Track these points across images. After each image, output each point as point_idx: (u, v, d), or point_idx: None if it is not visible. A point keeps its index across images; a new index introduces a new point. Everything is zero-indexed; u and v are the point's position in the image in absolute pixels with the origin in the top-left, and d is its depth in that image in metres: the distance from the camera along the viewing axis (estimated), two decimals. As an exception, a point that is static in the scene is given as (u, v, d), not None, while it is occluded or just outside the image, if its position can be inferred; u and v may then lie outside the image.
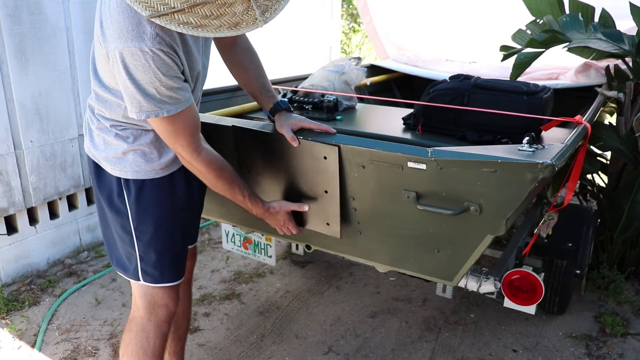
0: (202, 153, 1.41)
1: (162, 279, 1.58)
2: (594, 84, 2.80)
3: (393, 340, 2.43)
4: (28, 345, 2.38)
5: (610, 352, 2.36)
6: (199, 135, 1.41)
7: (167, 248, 1.57)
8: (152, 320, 1.61)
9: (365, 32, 8.77)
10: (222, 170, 1.47)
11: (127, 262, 1.59)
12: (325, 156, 1.58)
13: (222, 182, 1.48)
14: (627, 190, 2.61)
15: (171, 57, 1.25)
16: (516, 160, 1.34)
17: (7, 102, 2.69)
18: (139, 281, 1.58)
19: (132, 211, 1.51)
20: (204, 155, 1.42)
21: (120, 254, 1.60)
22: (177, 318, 1.86)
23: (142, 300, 1.61)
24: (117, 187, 1.51)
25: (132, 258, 1.57)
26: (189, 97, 1.34)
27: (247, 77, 1.71)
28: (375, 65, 3.72)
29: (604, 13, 2.72)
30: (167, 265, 1.58)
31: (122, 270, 1.62)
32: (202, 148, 1.41)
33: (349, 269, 3.06)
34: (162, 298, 1.61)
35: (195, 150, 1.39)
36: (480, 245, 1.57)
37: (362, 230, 1.77)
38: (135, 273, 1.58)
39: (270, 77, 1.78)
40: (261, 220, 1.75)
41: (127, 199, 1.51)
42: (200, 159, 1.41)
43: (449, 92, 2.09)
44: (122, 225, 1.53)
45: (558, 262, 2.42)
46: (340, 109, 2.43)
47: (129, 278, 1.60)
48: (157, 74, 1.23)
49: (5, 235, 2.85)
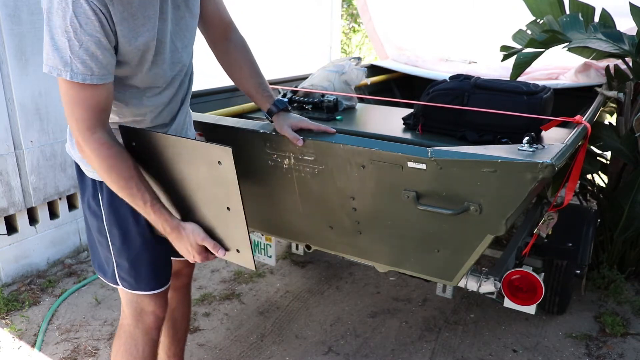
0: (95, 134, 1.22)
1: (137, 286, 1.52)
2: (594, 84, 2.80)
3: (393, 340, 2.43)
4: (28, 345, 2.38)
5: (610, 352, 2.36)
6: (102, 119, 1.24)
7: (140, 255, 1.48)
8: (140, 327, 1.57)
9: (365, 32, 8.77)
10: (116, 160, 1.25)
11: (105, 265, 1.54)
12: (220, 161, 1.26)
13: (115, 176, 1.25)
14: (627, 190, 2.61)
15: (96, 12, 1.11)
16: (516, 160, 1.34)
17: (7, 102, 2.69)
18: (118, 285, 1.54)
19: (105, 214, 1.45)
20: (96, 138, 1.22)
21: (100, 257, 1.55)
22: (176, 322, 1.84)
23: (128, 308, 1.57)
24: (92, 189, 1.45)
25: (109, 262, 1.52)
26: (107, 75, 1.19)
27: (242, 75, 1.63)
28: (375, 65, 3.72)
29: (604, 13, 2.72)
30: (142, 273, 1.51)
31: (101, 274, 1.57)
32: (97, 130, 1.22)
33: (349, 269, 3.06)
34: (149, 305, 1.56)
35: (89, 128, 1.21)
36: (480, 245, 1.57)
37: (362, 230, 1.77)
38: (113, 277, 1.53)
39: (270, 77, 1.78)
40: (261, 221, 1.75)
41: (101, 201, 1.44)
42: (92, 140, 1.22)
43: (449, 92, 2.09)
44: (99, 228, 1.48)
45: (558, 262, 2.42)
46: (340, 109, 2.43)
47: (108, 282, 1.56)
48: (73, 23, 1.10)
49: (5, 235, 2.85)
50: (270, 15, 4.60)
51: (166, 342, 1.86)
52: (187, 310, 1.93)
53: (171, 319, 1.82)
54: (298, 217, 1.90)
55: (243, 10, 4.30)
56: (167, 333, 1.84)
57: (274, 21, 4.64)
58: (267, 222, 2.03)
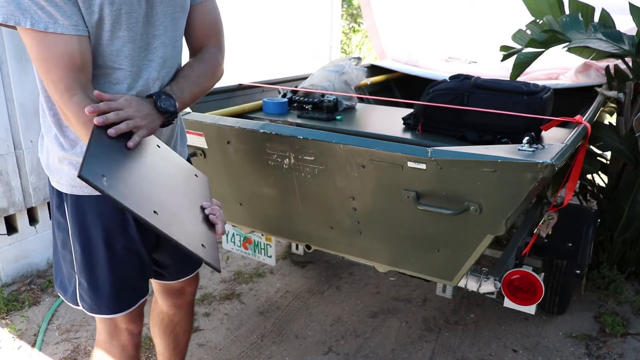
0: (75, 96, 1.11)
1: (97, 309, 1.40)
2: (594, 84, 2.80)
3: (393, 340, 2.43)
4: (28, 345, 2.38)
5: (610, 352, 2.36)
6: (80, 79, 1.12)
7: (100, 274, 1.36)
8: (115, 344, 1.49)
9: (365, 32, 8.78)
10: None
11: (67, 283, 1.43)
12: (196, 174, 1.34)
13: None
14: (627, 190, 2.61)
15: None
16: (516, 160, 1.34)
17: (7, 102, 2.69)
18: (78, 306, 1.42)
19: (70, 226, 1.34)
20: (76, 100, 1.11)
21: (63, 273, 1.44)
22: (177, 336, 1.80)
23: (101, 325, 1.47)
24: (57, 198, 1.34)
25: (71, 279, 1.41)
26: (75, 26, 1.09)
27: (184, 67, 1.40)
28: (375, 65, 3.72)
29: (604, 13, 2.72)
30: (102, 294, 1.38)
31: (62, 292, 1.46)
32: (77, 91, 1.11)
33: (349, 269, 3.06)
34: (122, 322, 1.46)
35: (67, 90, 1.10)
36: (480, 245, 1.57)
37: (362, 230, 1.77)
38: (73, 296, 1.42)
39: (270, 77, 1.77)
40: (261, 221, 1.75)
41: (67, 211, 1.33)
42: (71, 102, 1.11)
43: (449, 92, 2.09)
44: (63, 241, 1.38)
45: (558, 262, 2.42)
46: (340, 109, 2.43)
47: (68, 301, 1.44)
48: None
49: (5, 235, 2.85)
50: (270, 15, 4.60)
51: (166, 354, 1.83)
52: (190, 325, 1.86)
53: (173, 333, 1.79)
54: (298, 217, 1.90)
55: (243, 10, 4.31)
56: (169, 346, 1.81)
57: (274, 21, 4.64)
58: (267, 222, 2.04)
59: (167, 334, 1.78)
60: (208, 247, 1.23)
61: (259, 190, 1.90)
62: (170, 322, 1.76)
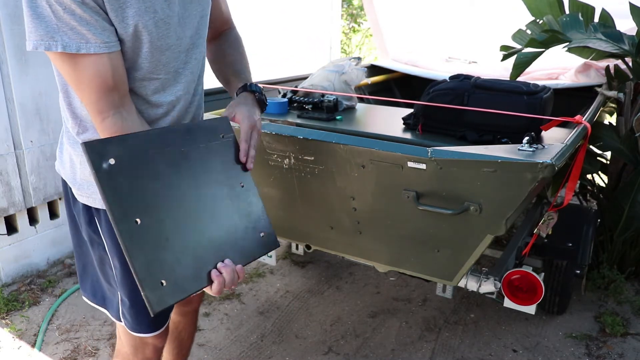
0: (107, 119, 1.09)
1: (139, 327, 1.37)
2: (594, 84, 2.80)
3: (393, 340, 2.43)
4: (28, 345, 2.38)
5: (610, 352, 2.36)
6: (114, 100, 1.09)
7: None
8: (139, 357, 1.48)
9: (365, 32, 8.79)
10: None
11: (111, 297, 1.39)
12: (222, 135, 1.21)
13: None
14: (627, 190, 2.61)
15: None
16: (516, 160, 1.34)
17: (7, 102, 2.69)
18: (121, 322, 1.39)
19: (107, 244, 1.29)
20: (108, 123, 1.09)
21: (104, 289, 1.40)
22: (182, 341, 1.80)
23: (126, 338, 1.45)
24: (86, 214, 1.29)
25: (114, 295, 1.37)
26: (107, 43, 1.04)
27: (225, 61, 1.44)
28: (375, 65, 3.72)
29: (604, 13, 2.72)
30: (144, 314, 1.34)
31: (104, 306, 1.43)
32: (110, 113, 1.09)
33: (349, 269, 3.06)
34: (150, 338, 1.43)
35: (100, 112, 1.08)
36: (480, 245, 1.57)
37: (362, 230, 1.77)
38: (117, 313, 1.38)
39: (270, 77, 1.76)
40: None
41: (100, 228, 1.28)
42: (103, 126, 1.10)
43: (449, 92, 2.09)
44: (100, 257, 1.33)
45: (558, 262, 2.42)
46: (340, 109, 2.43)
47: (112, 317, 1.41)
48: None
49: (5, 235, 2.85)
50: (270, 15, 4.60)
51: (170, 358, 1.83)
52: (194, 329, 1.86)
53: (177, 339, 1.79)
54: (298, 217, 1.90)
55: (243, 10, 4.31)
56: (172, 351, 1.81)
57: (274, 21, 4.64)
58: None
59: (171, 340, 1.78)
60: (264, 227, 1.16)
61: (259, 190, 1.90)
62: (175, 329, 1.76)
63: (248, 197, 1.20)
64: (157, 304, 0.94)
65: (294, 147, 1.68)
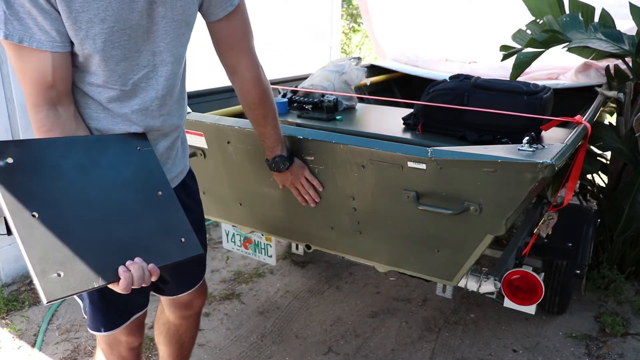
0: (40, 114, 1.12)
1: (95, 327, 1.40)
2: (594, 84, 2.80)
3: (393, 340, 2.43)
4: (28, 345, 2.38)
5: (610, 352, 2.36)
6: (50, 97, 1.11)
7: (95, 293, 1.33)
8: (115, 353, 1.50)
9: (365, 32, 8.78)
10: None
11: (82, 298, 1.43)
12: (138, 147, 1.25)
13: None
14: (627, 190, 2.61)
15: None
16: (516, 160, 1.34)
17: (7, 102, 2.69)
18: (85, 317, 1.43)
19: None
20: (41, 117, 1.12)
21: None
22: (183, 344, 1.79)
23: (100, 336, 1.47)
24: None
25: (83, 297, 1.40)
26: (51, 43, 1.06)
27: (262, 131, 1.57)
28: (375, 65, 3.72)
29: (604, 13, 2.72)
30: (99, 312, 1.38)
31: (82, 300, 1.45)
32: (43, 109, 1.12)
33: (349, 269, 3.06)
34: (120, 335, 1.46)
35: (34, 106, 1.11)
36: (480, 245, 1.57)
37: (362, 230, 1.77)
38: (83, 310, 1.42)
39: (270, 77, 1.77)
40: (261, 220, 1.75)
41: None
42: (35, 119, 1.12)
43: (449, 92, 2.09)
44: None
45: (558, 262, 2.42)
46: (340, 109, 2.43)
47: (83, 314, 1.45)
48: None
49: (5, 235, 2.85)
50: (270, 15, 4.60)
51: None
52: (196, 332, 1.85)
53: (179, 342, 1.78)
54: (298, 217, 1.90)
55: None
56: (173, 354, 1.80)
57: (274, 21, 4.64)
58: (267, 222, 2.04)
59: (172, 343, 1.77)
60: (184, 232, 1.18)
61: (259, 190, 1.90)
62: (176, 332, 1.75)
63: (168, 204, 1.22)
64: (51, 294, 0.96)
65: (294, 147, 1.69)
